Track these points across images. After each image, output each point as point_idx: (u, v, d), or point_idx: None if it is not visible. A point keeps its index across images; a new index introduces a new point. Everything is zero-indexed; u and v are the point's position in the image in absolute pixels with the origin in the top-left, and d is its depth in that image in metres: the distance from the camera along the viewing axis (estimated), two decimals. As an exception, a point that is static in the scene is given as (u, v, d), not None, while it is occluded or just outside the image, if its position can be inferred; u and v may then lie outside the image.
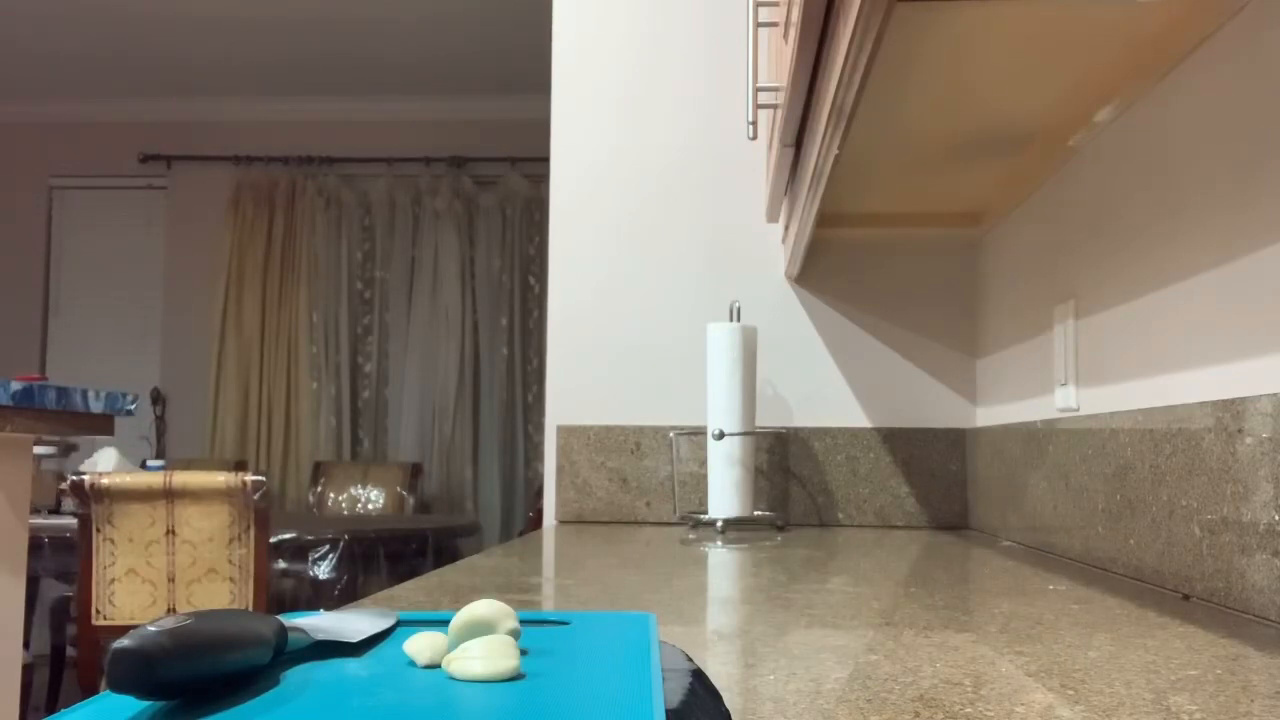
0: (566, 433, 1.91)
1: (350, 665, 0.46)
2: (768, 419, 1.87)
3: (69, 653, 3.70)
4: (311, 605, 3.39)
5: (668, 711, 0.39)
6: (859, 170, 1.47)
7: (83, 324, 5.59)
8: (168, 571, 2.63)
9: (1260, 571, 0.82)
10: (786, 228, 1.79)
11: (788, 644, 0.72)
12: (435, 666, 0.46)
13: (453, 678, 0.44)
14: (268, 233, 5.45)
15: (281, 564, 3.34)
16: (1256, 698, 0.57)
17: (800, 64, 1.08)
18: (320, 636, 0.49)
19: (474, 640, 0.45)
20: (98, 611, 2.60)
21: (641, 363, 1.93)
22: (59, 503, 3.68)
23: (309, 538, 3.36)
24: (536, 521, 4.14)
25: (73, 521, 3.04)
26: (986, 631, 0.77)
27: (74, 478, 2.65)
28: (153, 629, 0.39)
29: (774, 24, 1.46)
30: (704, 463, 1.82)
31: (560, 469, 1.91)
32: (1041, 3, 0.91)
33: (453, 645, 0.48)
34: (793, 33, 1.08)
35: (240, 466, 5.08)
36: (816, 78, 1.11)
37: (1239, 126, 0.90)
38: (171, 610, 2.64)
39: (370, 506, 4.86)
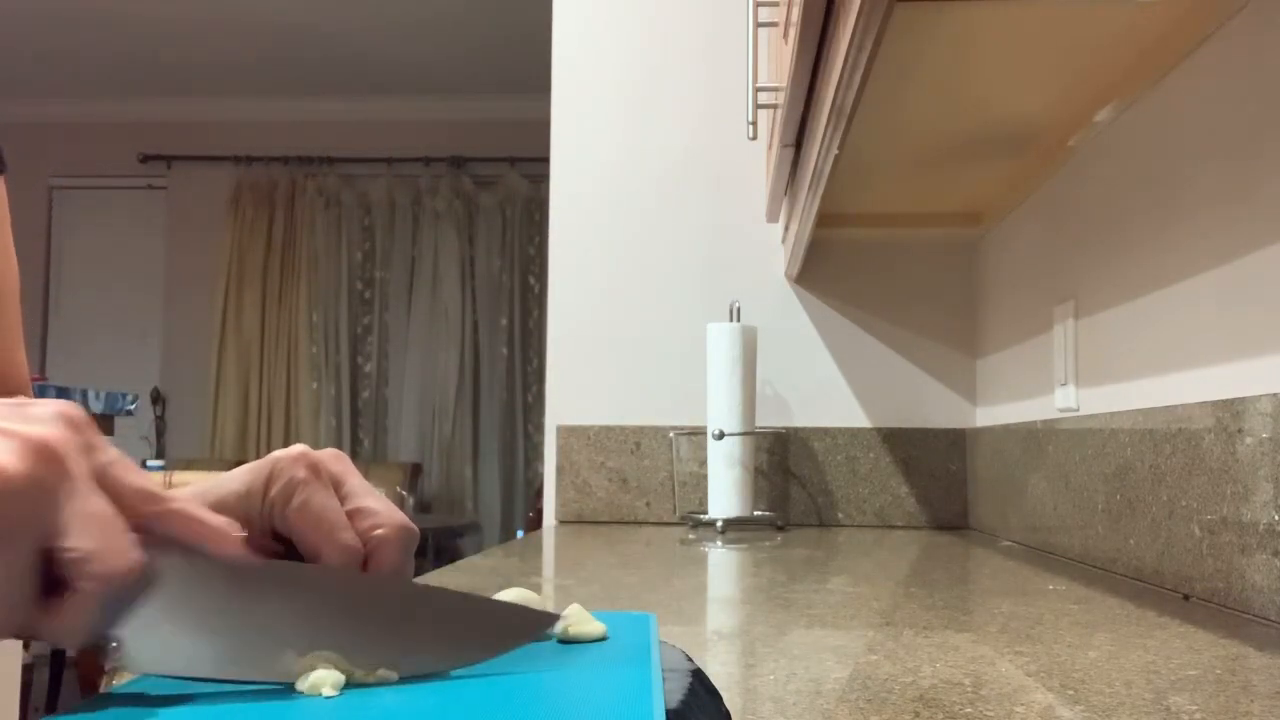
0: (566, 433, 1.91)
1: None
2: (768, 419, 1.87)
3: (69, 653, 3.71)
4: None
5: (668, 711, 0.39)
6: (859, 170, 1.47)
7: (83, 324, 5.58)
8: (168, 571, 2.62)
9: (1260, 571, 0.82)
10: (786, 228, 1.79)
11: (788, 644, 0.72)
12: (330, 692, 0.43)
13: (567, 640, 0.51)
14: (268, 233, 5.44)
15: (281, 564, 3.33)
16: (1256, 698, 0.57)
17: (800, 64, 1.08)
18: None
19: (566, 611, 0.52)
20: (98, 611, 2.59)
21: (641, 363, 1.92)
22: (59, 503, 3.68)
23: (309, 538, 3.35)
24: (536, 521, 4.14)
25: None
26: (986, 631, 0.77)
27: (74, 478, 2.65)
28: None
29: (774, 24, 1.46)
30: (704, 463, 1.82)
31: (560, 469, 1.91)
32: (1041, 3, 0.91)
33: None
34: (793, 33, 1.08)
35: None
36: (816, 78, 1.11)
37: (1239, 127, 0.90)
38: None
39: (370, 506, 4.85)
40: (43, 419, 0.39)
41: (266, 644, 0.43)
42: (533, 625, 0.50)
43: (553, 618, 0.51)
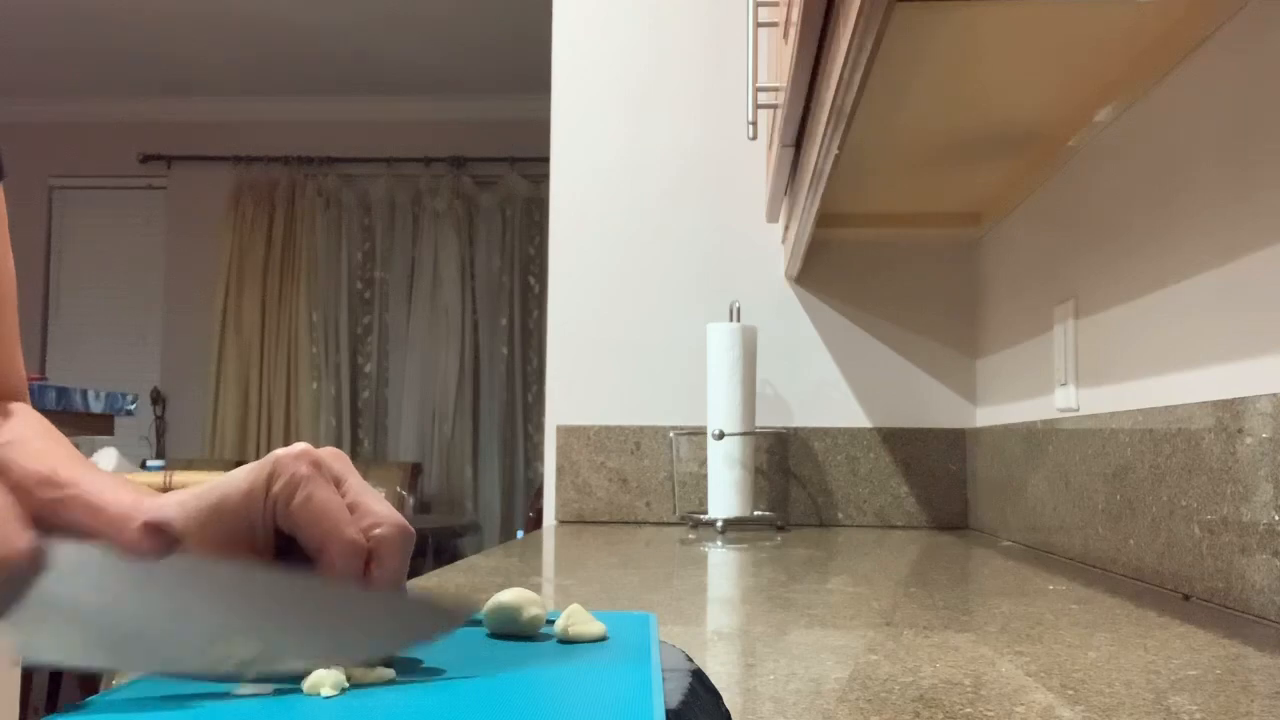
0: (566, 433, 1.91)
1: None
2: (768, 419, 1.87)
3: None
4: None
5: (668, 711, 0.39)
6: (859, 170, 1.47)
7: (83, 324, 5.58)
8: (168, 571, 2.62)
9: (1260, 571, 0.82)
10: (786, 228, 1.79)
11: (788, 644, 0.72)
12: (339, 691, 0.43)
13: (567, 640, 0.51)
14: (268, 233, 5.44)
15: (281, 564, 3.33)
16: (1256, 698, 0.57)
17: (800, 64, 1.08)
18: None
19: (566, 611, 0.52)
20: (98, 611, 2.59)
21: (641, 363, 1.92)
22: (59, 503, 3.67)
23: (309, 538, 3.35)
24: (536, 521, 4.14)
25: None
26: (986, 631, 0.77)
27: (74, 478, 2.64)
28: None
29: (774, 24, 1.46)
30: (704, 463, 1.82)
31: (560, 469, 1.91)
32: (1041, 3, 0.91)
33: (492, 624, 0.53)
34: (793, 33, 1.08)
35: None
36: (816, 78, 1.11)
37: (1239, 126, 0.90)
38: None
39: (370, 506, 4.84)
40: None
41: (168, 634, 0.42)
42: (451, 616, 0.48)
43: (472, 608, 0.49)
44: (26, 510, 0.40)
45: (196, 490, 0.49)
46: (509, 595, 0.53)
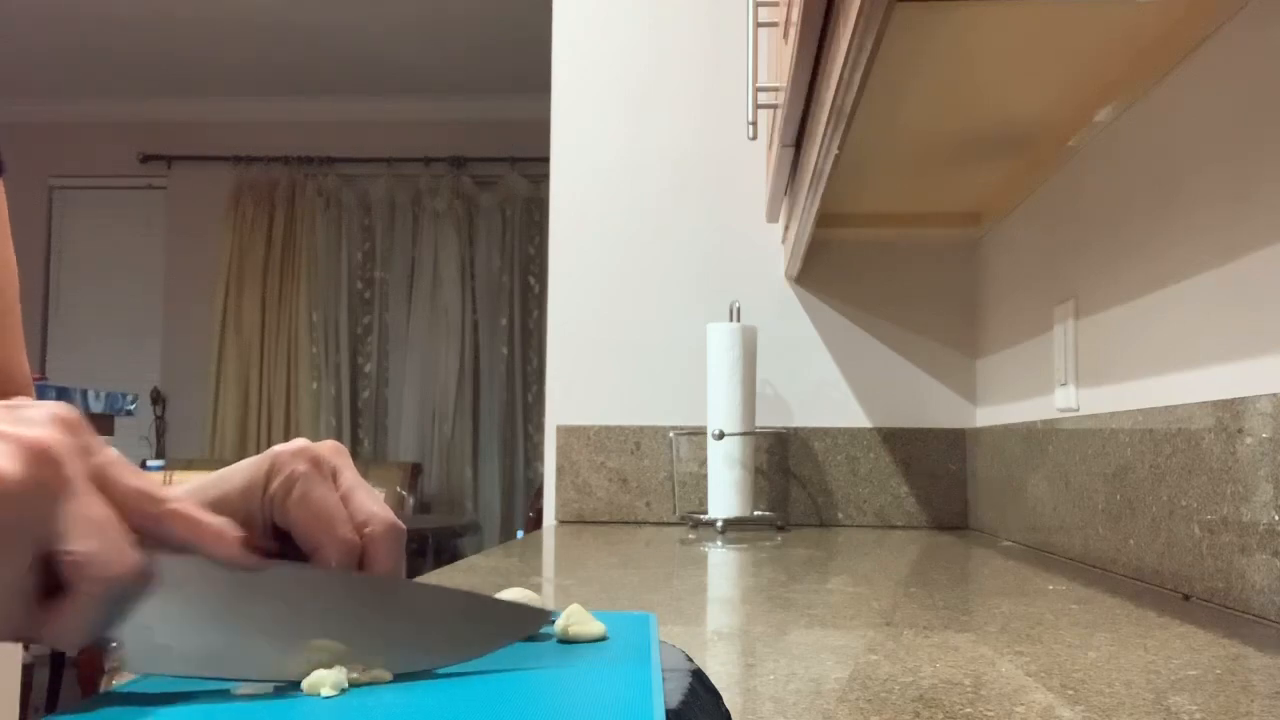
0: (566, 433, 1.91)
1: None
2: (768, 419, 1.87)
3: (69, 653, 3.70)
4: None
5: (668, 711, 0.39)
6: (859, 170, 1.47)
7: (83, 324, 5.58)
8: (168, 571, 2.62)
9: (1260, 571, 0.82)
10: (786, 228, 1.79)
11: (788, 644, 0.72)
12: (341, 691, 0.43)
13: (567, 640, 0.51)
14: (268, 233, 5.44)
15: (281, 564, 3.33)
16: (1256, 698, 0.57)
17: (800, 64, 1.08)
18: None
19: (566, 611, 0.52)
20: (98, 611, 2.58)
21: (641, 363, 1.92)
22: (59, 503, 3.67)
23: (309, 538, 3.35)
24: (536, 521, 4.14)
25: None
26: (986, 631, 0.77)
27: (74, 478, 2.64)
28: None
29: (774, 24, 1.46)
30: (704, 463, 1.82)
31: (560, 469, 1.91)
32: (1041, 3, 0.91)
33: None
34: (793, 33, 1.08)
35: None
36: (816, 78, 1.11)
37: (1239, 126, 0.90)
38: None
39: (370, 506, 4.84)
40: (38, 421, 0.39)
41: (264, 643, 0.43)
42: (528, 622, 0.50)
43: (547, 615, 0.51)
44: (129, 525, 0.40)
45: (197, 485, 0.50)
46: (509, 595, 0.53)
